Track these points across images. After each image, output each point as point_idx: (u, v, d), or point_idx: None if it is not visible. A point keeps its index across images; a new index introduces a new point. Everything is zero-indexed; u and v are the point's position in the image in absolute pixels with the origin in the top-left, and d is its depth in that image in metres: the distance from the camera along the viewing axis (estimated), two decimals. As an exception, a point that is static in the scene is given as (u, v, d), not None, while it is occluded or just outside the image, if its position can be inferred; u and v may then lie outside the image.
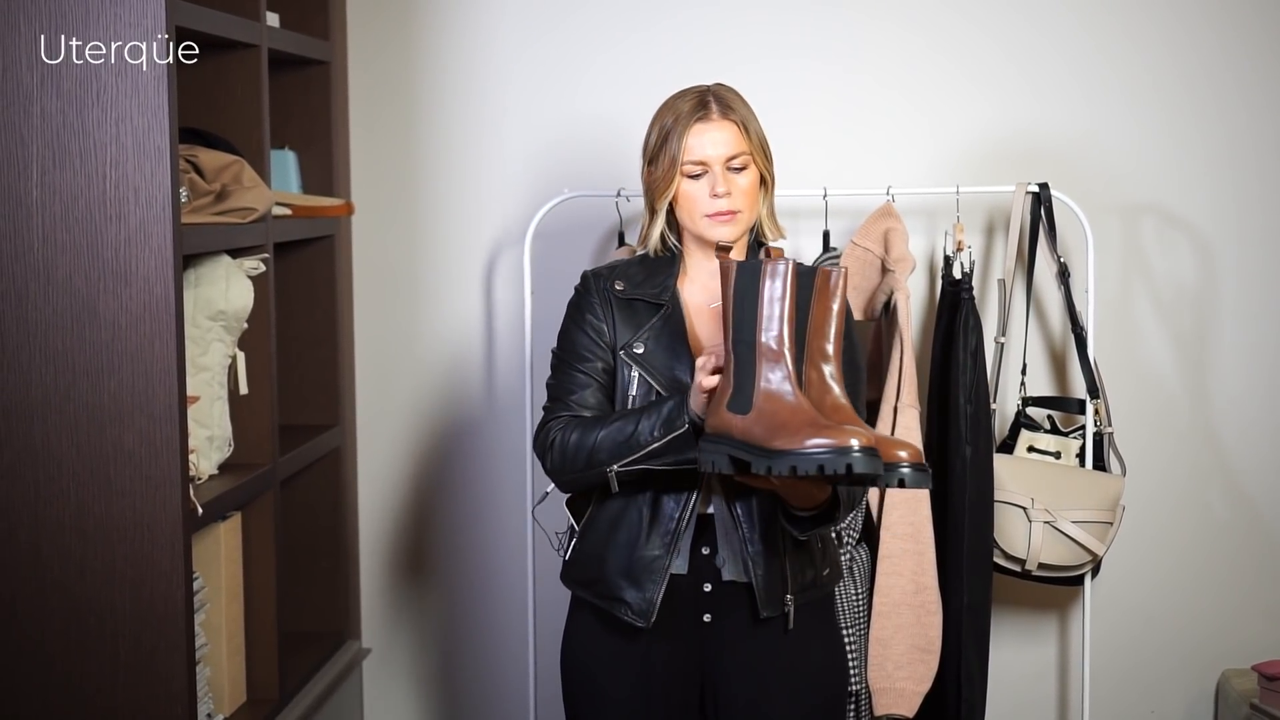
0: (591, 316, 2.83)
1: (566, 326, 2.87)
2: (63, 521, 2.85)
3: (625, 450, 2.70)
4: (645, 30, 3.91)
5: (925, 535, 3.44)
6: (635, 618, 2.76)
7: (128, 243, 2.80)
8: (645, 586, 2.75)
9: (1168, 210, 3.90)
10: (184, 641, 2.87)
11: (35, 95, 2.79)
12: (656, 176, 2.79)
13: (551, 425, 2.81)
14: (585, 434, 2.74)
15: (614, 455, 2.71)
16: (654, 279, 2.84)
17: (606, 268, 2.88)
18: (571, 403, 2.81)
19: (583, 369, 2.82)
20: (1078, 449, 3.67)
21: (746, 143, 2.78)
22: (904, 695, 3.43)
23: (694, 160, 2.76)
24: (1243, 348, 3.93)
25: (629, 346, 2.79)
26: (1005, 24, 3.88)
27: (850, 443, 2.34)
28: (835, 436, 2.35)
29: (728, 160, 2.76)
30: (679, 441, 2.65)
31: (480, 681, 4.08)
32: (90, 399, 2.83)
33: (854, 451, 2.33)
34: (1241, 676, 3.90)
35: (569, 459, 2.76)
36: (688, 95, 2.81)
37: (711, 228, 2.77)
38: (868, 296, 3.57)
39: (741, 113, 2.80)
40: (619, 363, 2.80)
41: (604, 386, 2.82)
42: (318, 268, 3.80)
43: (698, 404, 2.62)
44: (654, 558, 2.75)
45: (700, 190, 2.76)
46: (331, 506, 3.88)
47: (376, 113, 3.97)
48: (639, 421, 2.69)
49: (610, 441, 2.71)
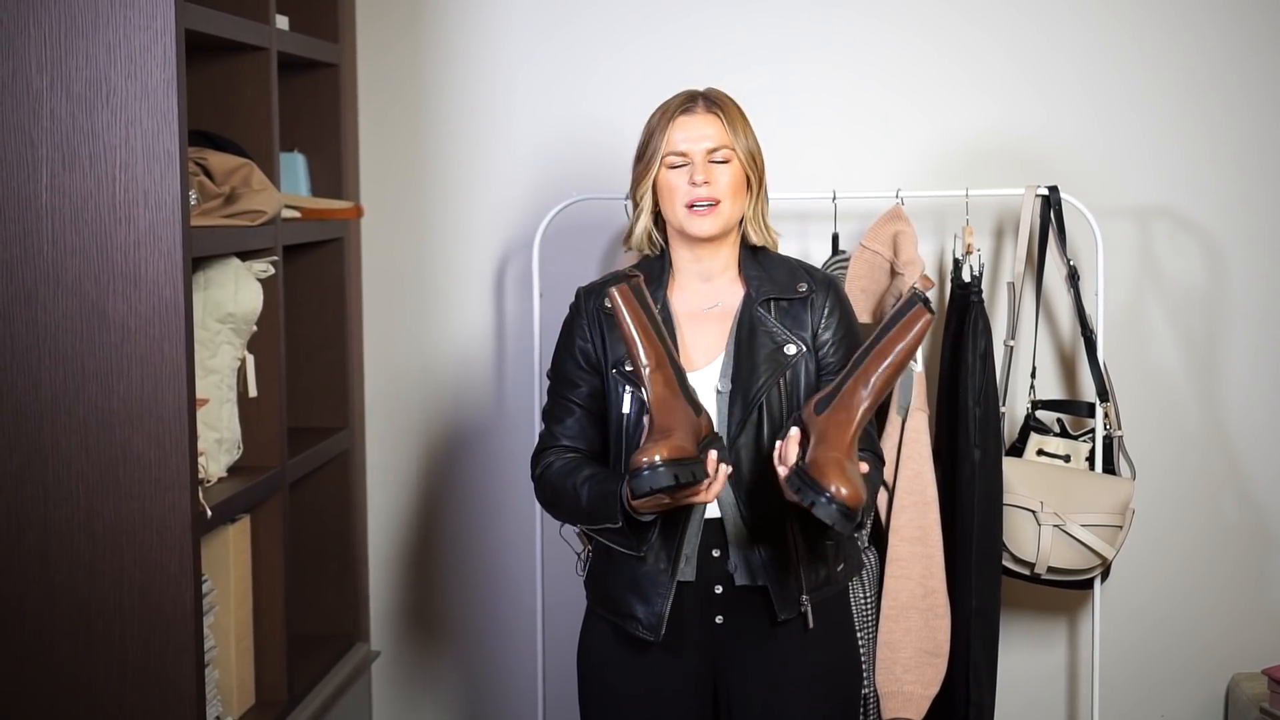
0: (579, 339, 2.85)
1: (558, 350, 2.90)
2: (72, 523, 2.85)
3: (583, 520, 2.78)
4: (653, 33, 3.91)
5: (934, 538, 3.44)
6: (646, 632, 2.76)
7: (137, 245, 2.81)
8: (653, 600, 2.76)
9: (1178, 213, 3.90)
10: (193, 644, 2.88)
11: (45, 98, 2.80)
12: (639, 169, 2.82)
13: (541, 459, 2.87)
14: (558, 488, 2.80)
15: (575, 519, 2.81)
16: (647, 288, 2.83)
17: (598, 283, 2.89)
18: (560, 433, 2.86)
19: (570, 396, 2.85)
20: (1087, 452, 3.67)
21: (730, 138, 2.79)
22: (912, 699, 3.43)
23: (675, 151, 2.78)
24: (1252, 351, 3.93)
25: (620, 364, 2.79)
26: (1012, 28, 3.87)
27: (642, 460, 2.51)
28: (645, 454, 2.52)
29: (709, 152, 2.78)
30: (616, 535, 2.74)
31: (489, 684, 4.08)
32: (99, 401, 2.83)
33: (643, 471, 2.49)
34: (1251, 680, 3.89)
35: (550, 506, 2.86)
36: (679, 94, 2.85)
37: (690, 220, 2.78)
38: (876, 300, 3.57)
39: (729, 112, 2.82)
40: (611, 381, 2.81)
41: (589, 412, 2.85)
42: (327, 270, 3.80)
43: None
44: (659, 571, 2.76)
45: (680, 179, 2.78)
46: (340, 509, 3.88)
47: (385, 116, 3.97)
48: (588, 499, 2.73)
49: (571, 508, 2.78)
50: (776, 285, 2.83)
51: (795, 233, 3.84)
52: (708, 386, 2.77)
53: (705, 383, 2.77)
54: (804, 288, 2.83)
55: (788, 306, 2.82)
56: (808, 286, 2.83)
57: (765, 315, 2.81)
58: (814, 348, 2.81)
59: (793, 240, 3.84)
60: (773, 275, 2.84)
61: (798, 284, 2.83)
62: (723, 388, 2.76)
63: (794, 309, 2.82)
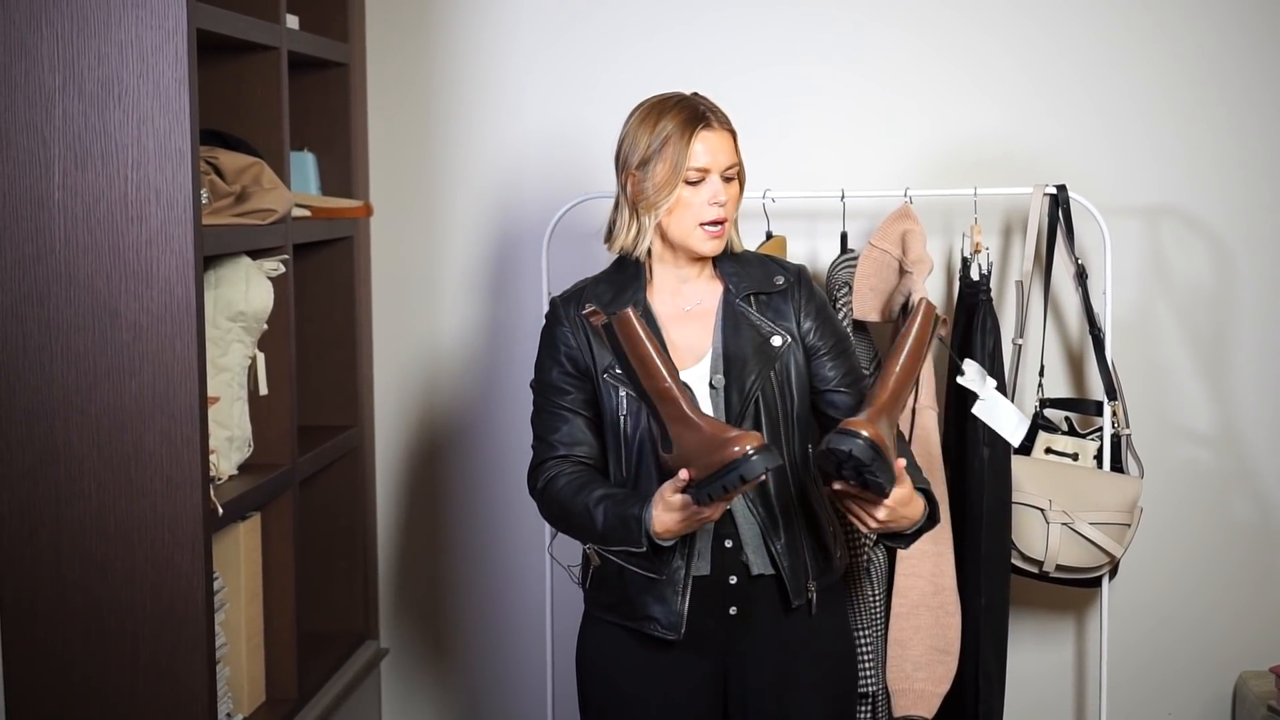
0: (564, 346, 2.83)
1: (541, 360, 2.87)
2: (83, 521, 2.86)
3: (596, 541, 2.76)
4: (662, 34, 3.91)
5: (944, 536, 3.44)
6: (666, 632, 2.77)
7: (149, 244, 2.82)
8: (670, 600, 2.76)
9: (1186, 212, 3.90)
10: (204, 641, 2.88)
11: (57, 97, 2.80)
12: (654, 183, 2.77)
13: (541, 471, 2.84)
14: (567, 506, 2.77)
15: (587, 539, 2.78)
16: (623, 295, 2.83)
17: (573, 291, 2.88)
18: (554, 442, 2.83)
19: (562, 403, 2.83)
20: (1095, 450, 3.67)
21: (737, 154, 2.80)
22: (923, 696, 3.43)
23: (698, 167, 2.76)
24: (1260, 349, 3.93)
25: (611, 368, 2.79)
26: (1018, 29, 3.87)
27: (742, 449, 2.50)
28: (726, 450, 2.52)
29: (725, 169, 2.78)
30: (637, 558, 2.71)
31: (498, 681, 4.08)
32: (111, 400, 2.84)
33: (750, 457, 2.49)
34: (1259, 678, 3.89)
35: (555, 520, 2.83)
36: (678, 102, 2.80)
37: (703, 241, 2.79)
38: (885, 298, 3.57)
39: (731, 124, 2.82)
40: (603, 386, 2.80)
41: (586, 418, 2.83)
42: (337, 269, 3.81)
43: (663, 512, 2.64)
44: (674, 569, 2.76)
45: (696, 197, 2.77)
46: (350, 507, 3.89)
47: (395, 115, 3.98)
48: (604, 522, 2.70)
49: (583, 527, 2.75)
50: (754, 280, 2.85)
51: (803, 231, 3.85)
52: (700, 383, 2.78)
53: (698, 380, 2.78)
54: (781, 280, 2.86)
55: (768, 300, 2.85)
56: (784, 279, 2.86)
57: (747, 309, 2.83)
58: (799, 336, 2.83)
59: (801, 239, 3.84)
60: (749, 271, 2.86)
61: (774, 277, 2.86)
62: (716, 383, 2.78)
63: (774, 301, 2.85)
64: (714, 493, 2.52)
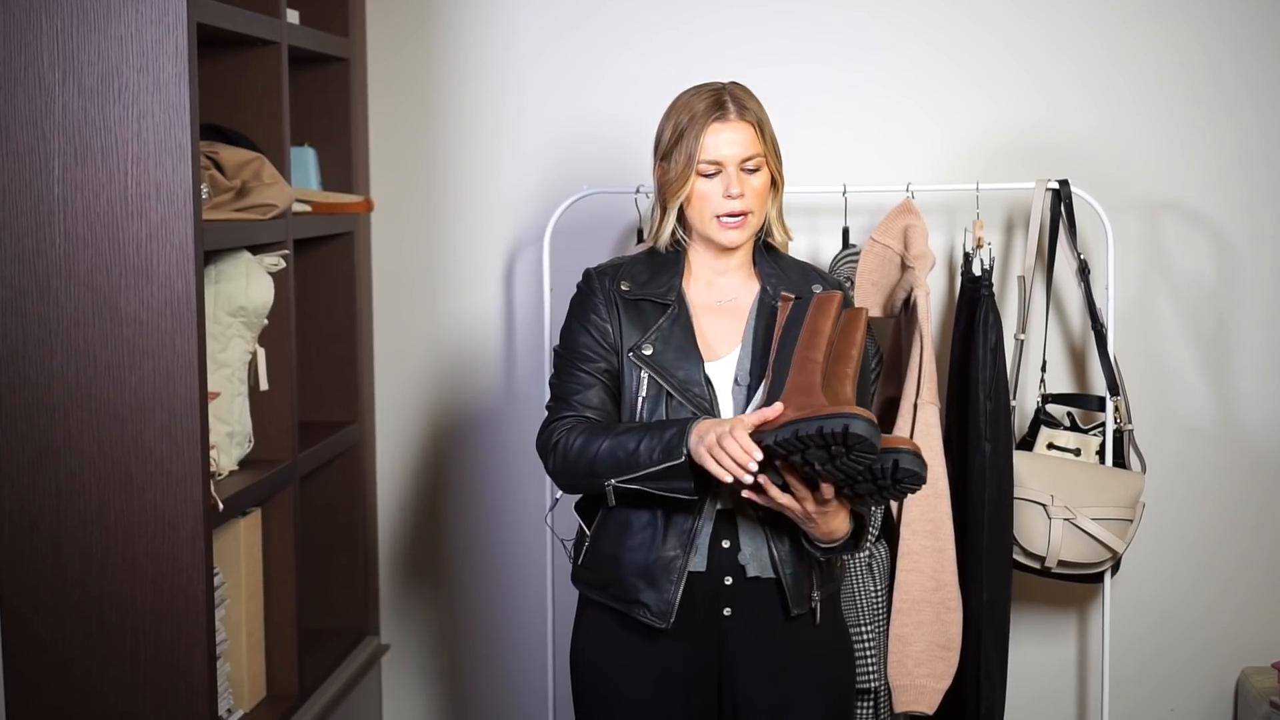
0: (596, 316, 2.81)
1: (569, 325, 2.85)
2: (84, 517, 2.85)
3: (624, 467, 2.68)
4: (664, 30, 3.91)
5: (945, 532, 3.44)
6: (654, 619, 2.74)
7: (149, 239, 2.81)
8: (663, 587, 2.74)
9: (1188, 207, 3.90)
10: (204, 637, 2.88)
11: (57, 91, 2.80)
12: (671, 175, 2.78)
13: (556, 426, 2.79)
14: (589, 442, 2.72)
15: (613, 470, 2.70)
16: (659, 278, 2.82)
17: (610, 266, 2.87)
18: (575, 403, 2.79)
19: (586, 369, 2.80)
20: (1097, 446, 3.67)
21: (761, 144, 2.78)
22: (924, 692, 3.43)
23: (710, 160, 2.75)
24: (1262, 344, 3.92)
25: (638, 348, 2.78)
26: (1019, 26, 3.87)
27: (852, 411, 2.49)
28: (839, 409, 2.50)
29: (743, 161, 2.76)
30: (675, 470, 2.64)
31: (499, 677, 4.08)
32: (111, 395, 2.83)
33: (856, 418, 2.47)
34: (1261, 674, 3.89)
35: (570, 465, 2.75)
36: (703, 92, 2.80)
37: (721, 231, 2.77)
38: (887, 293, 3.57)
39: (757, 113, 2.79)
40: (626, 364, 2.78)
41: (607, 387, 2.80)
42: (337, 264, 3.81)
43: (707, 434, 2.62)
44: (671, 558, 2.74)
45: (714, 190, 2.76)
46: (351, 503, 3.89)
47: (396, 110, 3.97)
48: (640, 441, 2.66)
49: (610, 455, 2.69)
50: (790, 285, 2.83)
51: (805, 226, 3.84)
52: (726, 378, 2.77)
53: (724, 375, 2.77)
54: (819, 289, 2.83)
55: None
56: (822, 288, 2.83)
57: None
58: None
59: (803, 234, 3.84)
60: (787, 275, 2.84)
61: (811, 285, 2.84)
62: (741, 381, 2.76)
63: None
64: (783, 439, 2.48)
